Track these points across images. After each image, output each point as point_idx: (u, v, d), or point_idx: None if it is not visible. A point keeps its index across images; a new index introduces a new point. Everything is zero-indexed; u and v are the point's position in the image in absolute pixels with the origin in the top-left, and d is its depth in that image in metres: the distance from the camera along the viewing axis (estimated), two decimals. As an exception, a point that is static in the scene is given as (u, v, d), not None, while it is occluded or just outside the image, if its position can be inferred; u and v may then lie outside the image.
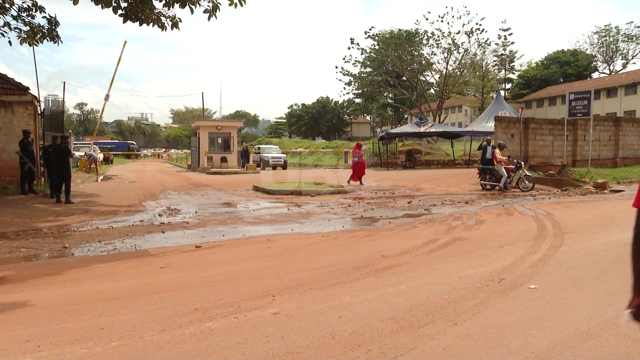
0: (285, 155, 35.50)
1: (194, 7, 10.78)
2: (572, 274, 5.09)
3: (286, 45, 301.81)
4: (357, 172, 18.42)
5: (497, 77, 57.36)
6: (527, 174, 15.94)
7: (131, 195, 15.32)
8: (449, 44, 43.45)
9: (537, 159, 20.68)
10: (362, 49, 48.63)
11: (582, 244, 6.71)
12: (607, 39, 58.53)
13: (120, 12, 10.82)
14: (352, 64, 51.00)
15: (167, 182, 21.79)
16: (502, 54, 54.85)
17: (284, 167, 32.98)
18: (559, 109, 49.89)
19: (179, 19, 11.95)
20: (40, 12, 13.25)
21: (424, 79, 51.32)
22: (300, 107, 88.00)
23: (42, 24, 13.38)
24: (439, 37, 43.81)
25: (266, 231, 8.62)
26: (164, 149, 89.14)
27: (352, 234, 8.20)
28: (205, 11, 10.83)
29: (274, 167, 32.32)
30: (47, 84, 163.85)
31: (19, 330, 3.74)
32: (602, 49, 60.09)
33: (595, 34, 59.76)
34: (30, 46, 13.64)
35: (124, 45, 37.69)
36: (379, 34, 49.77)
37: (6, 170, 14.70)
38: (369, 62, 51.63)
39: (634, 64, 69.78)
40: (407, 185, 17.84)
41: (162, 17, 11.67)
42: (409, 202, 12.59)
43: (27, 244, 7.47)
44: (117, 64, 37.35)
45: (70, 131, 27.87)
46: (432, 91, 55.62)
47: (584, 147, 21.72)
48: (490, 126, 28.82)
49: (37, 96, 16.61)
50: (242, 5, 10.68)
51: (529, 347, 3.22)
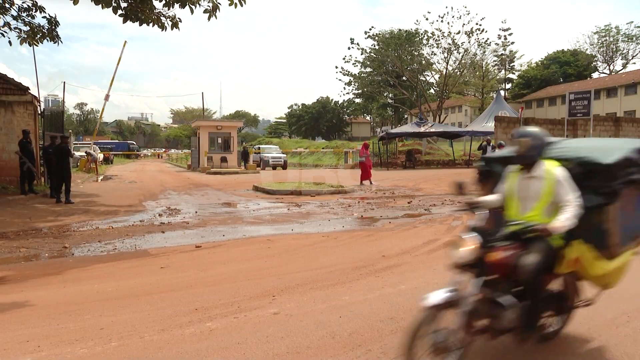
0: (285, 155, 35.49)
1: (194, 7, 10.78)
2: (572, 274, 5.09)
3: (286, 45, 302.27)
4: (366, 172, 18.43)
5: (497, 77, 57.34)
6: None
7: (131, 195, 15.33)
8: (449, 44, 43.47)
9: (537, 158, 20.66)
10: (362, 49, 48.62)
11: (582, 244, 6.70)
12: (607, 39, 58.53)
13: (120, 12, 10.82)
14: (352, 64, 51.00)
15: (167, 182, 21.80)
16: (502, 54, 54.81)
17: (284, 167, 32.98)
18: (559, 109, 49.90)
19: (179, 19, 11.95)
20: (40, 12, 13.25)
21: (424, 79, 51.33)
22: (300, 107, 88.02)
23: (42, 24, 13.38)
24: (439, 37, 43.83)
25: (266, 231, 8.62)
26: (164, 149, 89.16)
27: (352, 234, 8.20)
28: (205, 11, 10.83)
29: (274, 167, 32.32)
30: (47, 84, 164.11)
31: (19, 330, 3.74)
32: (602, 49, 60.10)
33: (595, 34, 59.80)
34: (30, 46, 13.64)
35: (124, 45, 37.69)
36: (379, 34, 49.76)
37: (6, 170, 14.70)
38: (369, 62, 51.60)
39: (634, 64, 69.74)
40: (407, 185, 17.84)
41: (162, 17, 11.67)
42: (409, 202, 12.60)
43: (27, 244, 7.47)
44: (117, 64, 37.36)
45: (70, 131, 27.86)
46: (432, 91, 55.62)
47: (584, 147, 21.67)
48: (490, 126, 28.84)
49: (37, 96, 16.62)
50: (242, 5, 10.68)
51: (529, 346, 3.22)
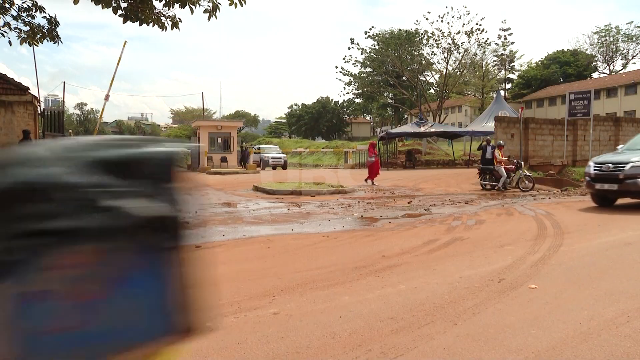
0: (285, 155, 35.51)
1: (194, 7, 10.75)
2: (572, 274, 5.09)
3: (286, 45, 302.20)
4: (374, 171, 18.42)
5: (497, 77, 57.36)
6: (527, 174, 15.94)
7: (131, 195, 15.32)
8: (449, 44, 43.51)
9: (537, 159, 20.68)
10: (362, 49, 48.63)
11: (582, 244, 6.71)
12: (607, 39, 58.54)
13: (120, 12, 10.78)
14: (352, 64, 51.02)
15: (167, 182, 21.75)
16: (502, 54, 54.86)
17: (284, 167, 32.99)
18: (559, 109, 49.89)
19: (179, 19, 11.90)
20: (40, 12, 13.19)
21: (424, 79, 51.34)
22: (300, 107, 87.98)
23: (42, 24, 13.31)
24: (439, 37, 43.88)
25: (266, 231, 8.62)
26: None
27: (352, 234, 8.20)
28: (205, 11, 10.80)
29: (274, 167, 32.33)
30: (47, 84, 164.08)
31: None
32: (602, 49, 60.12)
33: (595, 34, 59.82)
34: (30, 46, 13.56)
35: (124, 45, 37.78)
36: (379, 34, 49.76)
37: (6, 170, 14.70)
38: (369, 62, 51.61)
39: (634, 64, 69.77)
40: (407, 185, 17.84)
41: (162, 17, 11.64)
42: (409, 202, 12.60)
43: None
44: (117, 64, 37.43)
45: (70, 131, 27.90)
46: (432, 91, 55.63)
47: (584, 147, 21.71)
48: (490, 126, 28.83)
49: (37, 96, 16.62)
50: (242, 5, 10.64)
51: (529, 347, 3.22)
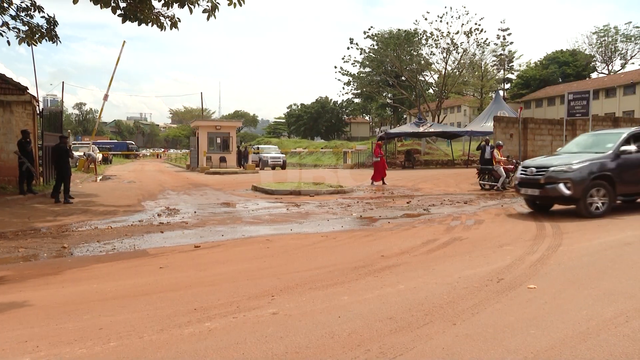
0: (284, 155, 35.53)
1: (193, 7, 10.76)
2: (571, 274, 5.09)
3: (285, 45, 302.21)
4: (381, 171, 18.40)
5: (496, 77, 57.42)
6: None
7: (130, 195, 15.31)
8: (448, 44, 43.52)
9: (536, 159, 20.69)
10: (361, 49, 48.62)
11: (581, 244, 6.72)
12: (606, 39, 58.61)
13: (119, 12, 10.80)
14: (351, 64, 51.02)
15: (166, 182, 21.78)
16: (501, 54, 54.93)
17: (283, 167, 33.00)
18: (557, 109, 49.97)
19: (178, 18, 11.93)
20: (39, 12, 13.22)
21: (423, 79, 51.32)
22: (299, 107, 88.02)
23: (40, 24, 13.35)
24: (438, 37, 43.89)
25: (265, 231, 8.62)
26: (162, 149, 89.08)
27: (351, 234, 8.20)
28: (204, 11, 10.81)
29: (273, 167, 32.34)
30: (46, 83, 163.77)
31: (18, 330, 3.74)
32: (600, 49, 60.19)
33: (594, 34, 59.91)
34: (28, 46, 13.61)
35: (123, 45, 37.53)
36: (378, 34, 49.78)
37: (5, 170, 14.67)
38: (368, 62, 51.61)
39: (633, 64, 69.87)
40: (406, 185, 17.85)
41: (161, 17, 11.65)
42: (408, 202, 12.60)
43: (26, 244, 7.46)
44: (116, 64, 37.21)
45: (69, 131, 27.83)
46: (431, 91, 55.66)
47: (582, 147, 21.70)
48: (489, 126, 28.85)
49: (36, 96, 16.59)
50: (241, 5, 10.67)
51: (527, 347, 3.22)
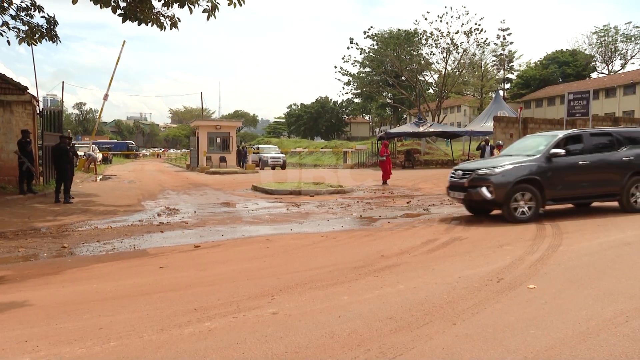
0: (284, 155, 35.53)
1: (192, 7, 10.75)
2: (570, 274, 5.09)
3: (285, 44, 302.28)
4: (386, 172, 18.38)
5: (496, 77, 57.40)
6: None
7: (130, 195, 15.31)
8: (448, 44, 43.47)
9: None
10: (361, 49, 48.61)
11: (581, 244, 6.71)
12: (606, 39, 58.58)
13: (119, 11, 10.79)
14: (351, 64, 50.98)
15: (166, 181, 21.78)
16: (501, 54, 54.90)
17: (283, 167, 33.00)
18: (557, 109, 49.95)
19: (178, 18, 11.92)
20: (39, 12, 13.21)
21: (423, 79, 51.30)
22: (299, 107, 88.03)
23: (40, 24, 13.34)
24: (438, 37, 43.83)
25: (265, 231, 8.62)
26: (162, 149, 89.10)
27: (351, 233, 8.20)
28: (204, 11, 10.81)
29: (273, 167, 32.34)
30: (46, 83, 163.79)
31: (18, 330, 3.74)
32: (600, 49, 60.15)
33: (594, 34, 59.84)
34: (29, 46, 13.60)
35: (123, 45, 37.54)
36: (378, 34, 49.78)
37: (5, 170, 14.68)
38: (368, 62, 51.61)
39: (633, 64, 69.90)
40: (406, 185, 17.85)
41: (161, 17, 11.65)
42: (407, 202, 12.60)
43: (26, 243, 7.46)
44: (116, 64, 37.22)
45: (69, 131, 27.80)
46: (431, 91, 55.62)
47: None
48: (489, 126, 28.84)
49: (36, 96, 16.59)
50: (240, 5, 10.67)
51: (527, 347, 3.22)
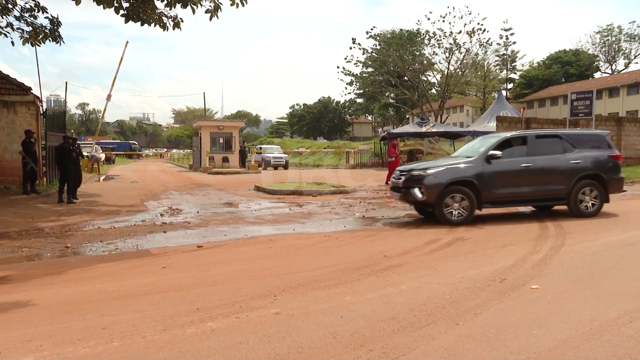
0: (286, 155, 35.52)
1: (195, 7, 10.77)
2: (573, 274, 5.08)
3: (288, 45, 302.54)
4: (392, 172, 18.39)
5: (499, 77, 57.24)
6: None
7: (133, 195, 15.35)
8: (451, 44, 43.38)
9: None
10: (364, 49, 48.57)
11: (584, 244, 6.70)
12: (609, 38, 58.40)
13: (122, 12, 10.81)
14: (354, 64, 50.90)
15: (169, 182, 21.82)
16: (503, 54, 54.75)
17: (286, 167, 33.01)
18: (560, 108, 49.83)
19: (180, 19, 11.94)
20: (42, 13, 13.26)
21: (425, 79, 51.22)
22: (301, 107, 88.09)
23: (44, 25, 13.39)
24: (440, 37, 43.76)
25: (268, 231, 8.63)
26: (165, 149, 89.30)
27: (353, 234, 8.20)
28: (206, 11, 10.81)
29: (276, 167, 32.36)
30: (49, 84, 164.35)
31: (22, 329, 3.75)
32: (604, 49, 59.97)
33: (597, 33, 59.69)
34: (32, 46, 13.64)
35: (126, 45, 37.87)
36: (381, 34, 49.73)
37: (9, 170, 14.73)
38: (370, 62, 51.56)
39: (636, 63, 69.83)
40: (408, 185, 17.79)
41: (163, 17, 11.66)
42: (410, 202, 12.57)
43: (30, 243, 7.49)
44: (119, 64, 37.45)
45: (72, 131, 27.93)
46: (433, 91, 55.54)
47: (585, 147, 21.59)
48: (491, 126, 28.74)
49: (39, 96, 16.64)
50: (243, 5, 10.67)
51: (530, 347, 3.21)
